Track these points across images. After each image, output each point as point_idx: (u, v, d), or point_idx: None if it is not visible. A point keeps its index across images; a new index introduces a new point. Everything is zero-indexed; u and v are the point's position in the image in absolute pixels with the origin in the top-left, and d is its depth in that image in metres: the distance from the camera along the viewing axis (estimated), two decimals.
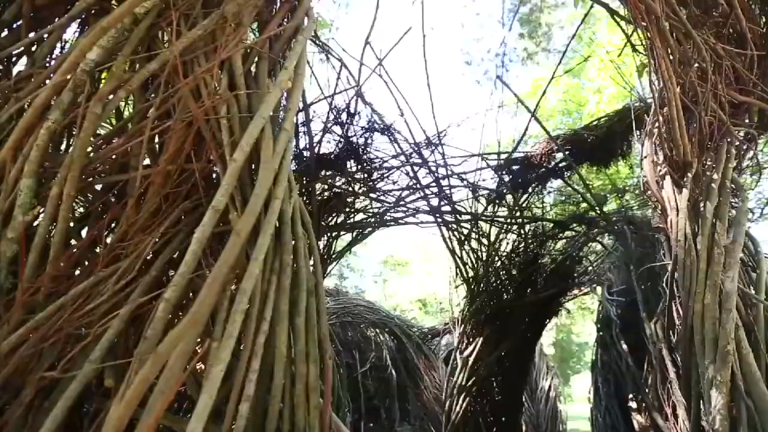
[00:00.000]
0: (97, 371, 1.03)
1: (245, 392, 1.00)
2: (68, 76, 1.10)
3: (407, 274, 19.86)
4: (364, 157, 3.29)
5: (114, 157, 1.23)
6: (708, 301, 1.83)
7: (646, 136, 2.28)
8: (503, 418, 4.22)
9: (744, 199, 2.03)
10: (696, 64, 2.15)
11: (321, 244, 3.40)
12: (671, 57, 1.97)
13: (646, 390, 3.19)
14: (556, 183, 4.81)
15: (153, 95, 1.18)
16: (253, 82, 1.28)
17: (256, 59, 1.28)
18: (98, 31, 1.07)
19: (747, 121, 2.51)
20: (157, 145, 1.26)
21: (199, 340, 1.08)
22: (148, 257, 1.16)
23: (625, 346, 4.01)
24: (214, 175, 1.25)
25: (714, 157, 2.29)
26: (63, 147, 1.28)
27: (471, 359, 3.88)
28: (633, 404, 3.77)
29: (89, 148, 1.18)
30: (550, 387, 7.66)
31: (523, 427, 8.36)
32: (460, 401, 3.78)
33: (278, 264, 1.14)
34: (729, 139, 2.37)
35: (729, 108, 2.43)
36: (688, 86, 2.16)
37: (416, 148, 3.48)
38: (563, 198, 4.72)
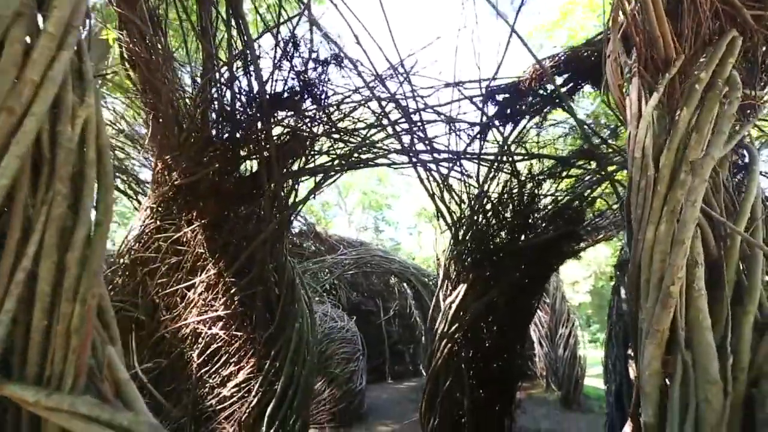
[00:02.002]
0: None
1: None
2: None
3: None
4: (320, 93, 3.00)
5: None
6: (661, 232, 1.48)
7: (610, 28, 1.80)
8: (495, 365, 4.08)
9: (733, 102, 1.56)
10: None
11: (284, 191, 3.25)
12: None
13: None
14: (562, 114, 4.24)
15: None
16: None
17: None
18: None
19: None
20: None
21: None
22: None
23: (623, 292, 3.63)
24: None
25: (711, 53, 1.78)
26: None
27: (454, 306, 3.71)
28: (631, 352, 3.47)
29: None
30: (570, 333, 7.41)
31: (535, 372, 8.24)
32: (442, 347, 3.67)
33: (51, 194, 0.98)
34: (739, 29, 1.83)
35: None
36: None
37: (381, 80, 3.13)
38: (567, 131, 4.17)
